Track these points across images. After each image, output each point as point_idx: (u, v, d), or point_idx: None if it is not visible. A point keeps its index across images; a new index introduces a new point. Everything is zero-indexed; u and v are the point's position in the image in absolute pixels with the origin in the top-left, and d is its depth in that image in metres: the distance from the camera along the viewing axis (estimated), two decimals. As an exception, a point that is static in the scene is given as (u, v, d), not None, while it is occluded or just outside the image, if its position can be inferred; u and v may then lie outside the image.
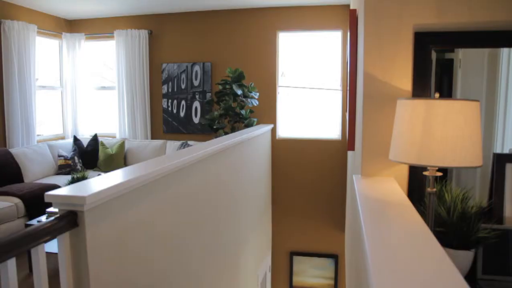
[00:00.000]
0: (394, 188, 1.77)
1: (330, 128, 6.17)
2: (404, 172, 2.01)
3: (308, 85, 6.26)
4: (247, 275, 4.33)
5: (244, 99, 5.41)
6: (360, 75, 2.20)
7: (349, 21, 2.81)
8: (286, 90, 6.31)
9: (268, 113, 6.24)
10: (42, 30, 6.29)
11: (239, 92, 5.23)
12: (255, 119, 5.57)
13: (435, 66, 2.03)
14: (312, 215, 6.22)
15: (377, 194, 1.65)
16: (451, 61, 2.09)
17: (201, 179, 2.75)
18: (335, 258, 6.21)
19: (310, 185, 6.19)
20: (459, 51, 2.07)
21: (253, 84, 5.63)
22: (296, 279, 6.39)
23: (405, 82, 1.99)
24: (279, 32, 6.20)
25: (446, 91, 2.11)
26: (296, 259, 6.35)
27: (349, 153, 4.47)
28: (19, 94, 5.75)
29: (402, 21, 1.97)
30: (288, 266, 6.39)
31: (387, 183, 1.87)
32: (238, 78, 5.37)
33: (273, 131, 6.19)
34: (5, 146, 5.66)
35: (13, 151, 5.37)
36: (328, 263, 6.25)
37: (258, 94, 5.65)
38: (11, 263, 1.35)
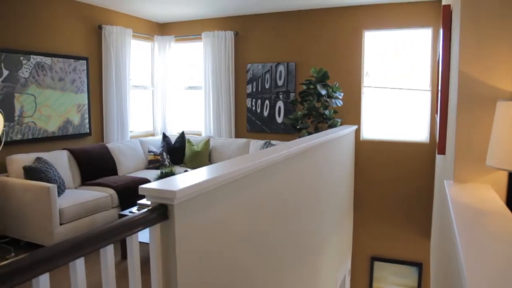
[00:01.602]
0: (492, 196, 1.65)
1: (417, 130, 5.89)
2: (503, 179, 1.87)
3: (394, 85, 6.02)
4: (326, 276, 4.28)
5: (328, 99, 5.34)
6: (454, 75, 2.07)
7: (442, 17, 2.66)
8: (371, 90, 6.13)
9: (352, 114, 6.11)
10: (136, 34, 6.73)
11: (323, 92, 5.18)
12: (339, 120, 5.48)
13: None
14: (395, 219, 5.98)
15: (472, 202, 1.54)
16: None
17: (284, 179, 2.76)
18: (419, 266, 5.91)
19: (394, 188, 5.96)
20: None
21: (337, 84, 5.54)
22: (376, 285, 6.18)
23: (507, 82, 1.84)
24: (365, 31, 6.04)
25: (554, 92, 1.91)
26: (377, 264, 6.14)
27: (438, 156, 4.23)
28: (115, 93, 6.20)
29: (505, 15, 1.82)
30: (368, 271, 6.21)
31: (483, 191, 1.74)
32: (322, 78, 5.32)
33: (357, 132, 6.05)
34: (103, 141, 6.14)
35: (109, 146, 5.81)
36: (411, 271, 5.98)
37: (342, 94, 5.55)
38: (110, 249, 1.46)
